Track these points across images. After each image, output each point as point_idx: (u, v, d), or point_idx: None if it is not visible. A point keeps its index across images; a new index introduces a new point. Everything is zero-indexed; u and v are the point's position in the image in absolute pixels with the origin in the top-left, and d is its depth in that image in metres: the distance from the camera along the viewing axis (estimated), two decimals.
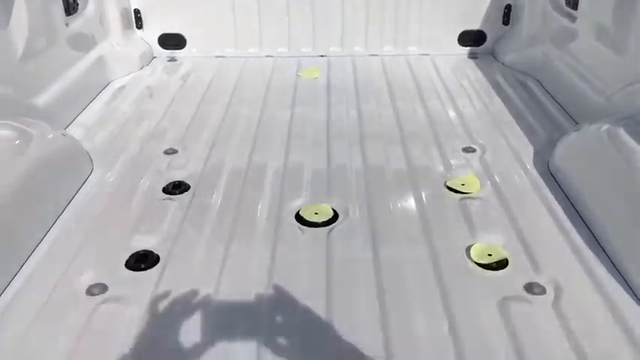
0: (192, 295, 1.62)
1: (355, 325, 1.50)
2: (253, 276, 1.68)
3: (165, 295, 1.62)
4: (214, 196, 2.11)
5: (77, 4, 2.93)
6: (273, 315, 1.54)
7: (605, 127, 2.01)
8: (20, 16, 2.40)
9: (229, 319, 1.52)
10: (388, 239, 1.85)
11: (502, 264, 1.74)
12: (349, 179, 2.20)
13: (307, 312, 1.55)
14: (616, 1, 2.42)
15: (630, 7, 2.31)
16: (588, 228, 1.88)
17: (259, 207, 2.03)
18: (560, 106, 2.79)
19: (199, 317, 1.53)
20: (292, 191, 2.12)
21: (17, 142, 1.98)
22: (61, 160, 2.14)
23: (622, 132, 1.91)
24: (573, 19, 2.84)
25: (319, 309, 1.55)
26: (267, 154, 2.39)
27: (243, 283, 1.66)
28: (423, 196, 2.09)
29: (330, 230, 1.90)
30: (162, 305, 1.59)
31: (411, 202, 2.06)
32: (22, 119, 2.12)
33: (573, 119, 2.62)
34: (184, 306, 1.58)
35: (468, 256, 1.77)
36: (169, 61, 3.55)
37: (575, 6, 2.80)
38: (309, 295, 1.60)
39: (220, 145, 2.49)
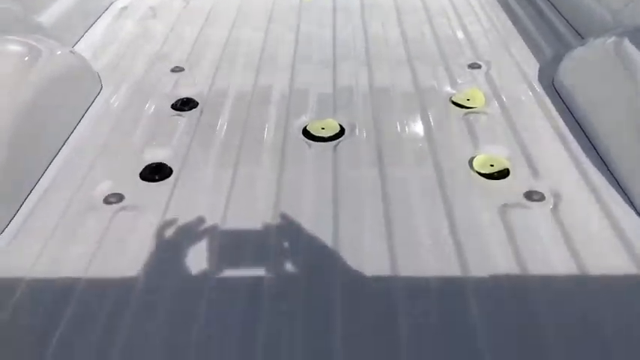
0: (204, 205, 1.69)
1: (361, 231, 1.57)
2: (262, 188, 1.74)
3: (179, 204, 1.69)
4: (223, 111, 2.15)
5: None
6: (281, 232, 1.59)
7: (610, 40, 2.01)
8: None
9: (238, 237, 1.58)
10: (393, 152, 1.90)
11: (503, 174, 1.79)
12: (356, 98, 2.22)
13: (316, 220, 1.62)
14: None
15: None
16: (589, 140, 1.92)
17: (267, 123, 2.08)
18: (568, 23, 2.77)
19: (211, 229, 1.60)
20: (299, 108, 2.15)
21: (27, 57, 2.01)
22: (70, 76, 2.16)
23: (626, 44, 1.92)
24: None
25: (327, 221, 1.61)
26: (273, 75, 2.40)
27: (252, 196, 1.72)
28: (429, 111, 2.12)
29: (337, 144, 1.95)
30: (177, 213, 1.66)
31: (416, 117, 2.09)
32: (31, 36, 2.13)
33: (581, 36, 2.61)
34: (197, 216, 1.65)
35: (471, 166, 1.83)
36: None
37: None
38: (317, 206, 1.67)
39: (226, 65, 2.50)
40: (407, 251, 1.50)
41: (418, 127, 2.03)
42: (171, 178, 1.81)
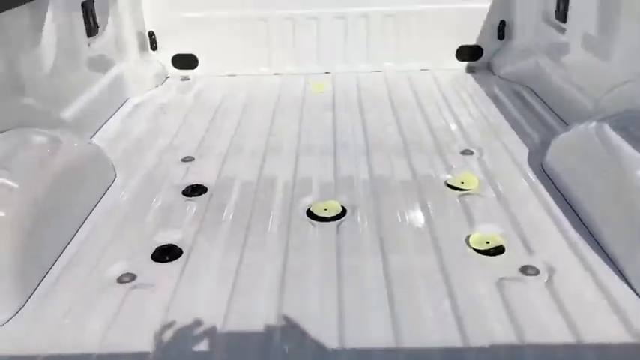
0: (213, 285, 1.76)
1: (365, 307, 1.64)
2: (268, 274, 1.81)
3: (188, 284, 1.77)
4: (231, 196, 2.27)
5: (98, 27, 3.13)
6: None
7: (592, 125, 2.17)
8: (49, 37, 2.59)
9: (247, 308, 1.65)
10: (393, 231, 2.00)
11: (499, 250, 1.88)
12: (356, 183, 2.35)
13: (320, 285, 1.70)
14: (600, 13, 2.60)
15: (612, 17, 2.49)
16: (579, 218, 2.02)
17: (272, 206, 2.19)
18: (553, 112, 2.96)
19: (219, 307, 1.66)
20: (303, 192, 2.27)
21: (49, 148, 2.15)
22: (87, 165, 2.30)
23: (606, 129, 2.07)
24: (562, 30, 3.02)
25: (331, 294, 1.69)
26: (278, 163, 2.55)
27: (259, 275, 1.80)
28: (425, 194, 2.24)
29: (340, 224, 2.06)
30: (186, 293, 1.73)
31: (414, 199, 2.21)
32: (53, 129, 2.30)
33: (565, 123, 2.78)
34: (206, 295, 1.72)
35: (468, 243, 1.92)
36: (182, 79, 3.74)
37: (564, 18, 2.99)
38: (321, 277, 1.75)
39: (234, 154, 2.65)
40: (410, 326, 1.56)
41: (416, 209, 2.14)
42: (181, 259, 1.89)
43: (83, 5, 2.96)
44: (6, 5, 2.26)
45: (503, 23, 3.66)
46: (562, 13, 3.00)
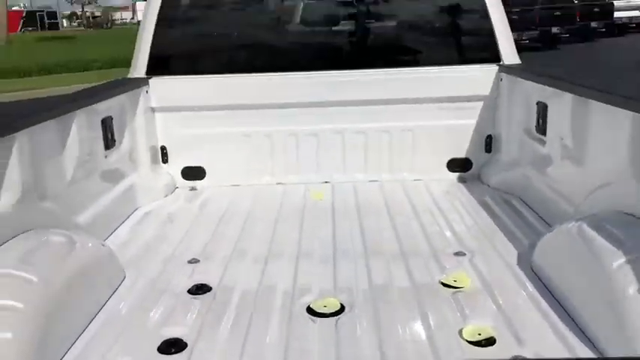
0: None
1: None
2: (269, 357, 1.91)
3: None
4: (234, 295, 2.38)
5: (115, 141, 3.40)
6: None
7: (571, 225, 2.35)
8: (71, 148, 2.83)
9: None
10: (390, 326, 2.10)
11: (490, 342, 1.98)
12: (354, 284, 2.47)
13: None
14: (572, 125, 2.86)
15: (583, 129, 2.74)
16: (567, 312, 2.13)
17: (274, 304, 2.30)
18: (541, 217, 3.14)
19: None
20: (303, 291, 2.39)
21: (64, 247, 2.31)
22: (98, 265, 2.44)
23: (584, 228, 2.24)
24: (543, 143, 3.28)
25: None
26: (279, 267, 2.67)
27: None
28: (421, 291, 2.36)
29: (338, 319, 2.16)
30: None
31: (409, 296, 2.32)
32: (70, 230, 2.46)
33: (549, 225, 2.95)
34: None
35: (461, 336, 2.01)
36: (190, 190, 3.96)
37: (543, 132, 3.26)
38: None
39: (238, 258, 2.79)
40: None
41: (411, 303, 2.25)
42: (186, 351, 1.98)
43: (103, 122, 3.25)
44: (36, 120, 2.52)
45: (490, 137, 3.94)
46: (542, 127, 3.27)
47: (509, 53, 3.82)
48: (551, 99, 3.12)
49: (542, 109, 3.24)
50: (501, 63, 3.82)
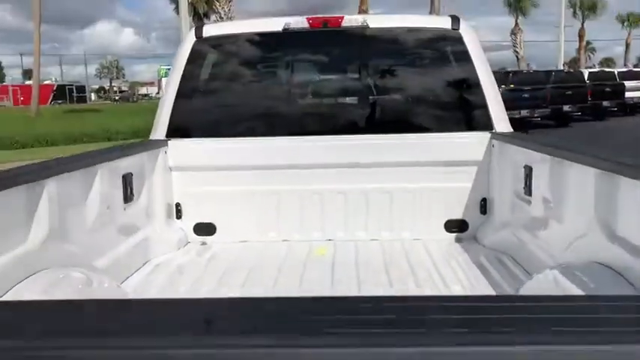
0: None
1: None
2: None
3: None
4: None
5: (133, 195, 3.69)
6: None
7: (551, 273, 2.55)
8: (93, 199, 3.13)
9: None
10: None
11: None
12: None
13: None
14: (552, 185, 3.10)
15: (562, 188, 2.97)
16: None
17: None
18: (526, 271, 3.33)
19: None
20: None
21: (81, 285, 2.55)
22: None
23: (560, 278, 2.44)
24: (530, 203, 3.50)
25: None
26: None
27: None
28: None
29: None
30: None
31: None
32: (88, 271, 2.71)
33: (529, 273, 3.16)
34: None
35: None
36: (201, 244, 4.21)
37: (529, 193, 3.49)
38: None
39: None
40: None
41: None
42: None
43: (124, 177, 3.55)
44: (64, 169, 2.83)
45: (484, 200, 4.17)
46: (528, 189, 3.51)
47: (500, 121, 4.12)
48: (535, 162, 3.38)
49: (529, 172, 3.49)
50: (493, 130, 4.11)
